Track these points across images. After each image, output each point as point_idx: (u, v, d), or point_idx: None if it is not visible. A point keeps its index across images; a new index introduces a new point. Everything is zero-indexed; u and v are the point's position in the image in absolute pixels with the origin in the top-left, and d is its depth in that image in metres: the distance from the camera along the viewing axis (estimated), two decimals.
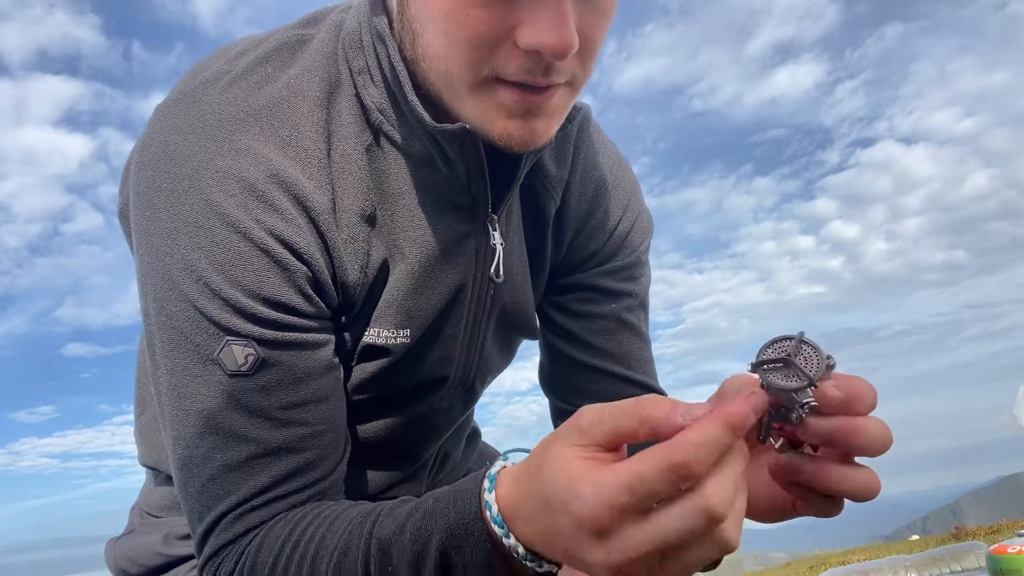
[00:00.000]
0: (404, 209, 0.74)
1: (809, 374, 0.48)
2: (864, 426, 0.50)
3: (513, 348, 0.94)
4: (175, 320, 0.66)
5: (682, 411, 0.46)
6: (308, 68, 0.72)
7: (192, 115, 0.69)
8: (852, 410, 0.50)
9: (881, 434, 0.50)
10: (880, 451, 0.51)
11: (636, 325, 0.93)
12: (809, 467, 0.52)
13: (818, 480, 0.52)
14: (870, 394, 0.50)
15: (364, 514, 0.61)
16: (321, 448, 0.68)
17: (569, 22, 0.59)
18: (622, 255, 0.92)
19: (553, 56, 0.60)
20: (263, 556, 0.62)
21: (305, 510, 0.65)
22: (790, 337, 0.50)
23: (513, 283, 0.84)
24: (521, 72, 0.62)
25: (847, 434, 0.50)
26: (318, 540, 0.61)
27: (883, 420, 0.50)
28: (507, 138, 0.67)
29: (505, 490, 0.52)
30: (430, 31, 0.64)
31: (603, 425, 0.48)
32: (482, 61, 0.62)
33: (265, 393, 0.65)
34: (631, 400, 0.48)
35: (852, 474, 0.52)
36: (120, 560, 0.88)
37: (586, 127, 0.89)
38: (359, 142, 0.72)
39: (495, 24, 0.60)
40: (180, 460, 0.67)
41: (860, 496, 0.52)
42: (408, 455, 0.88)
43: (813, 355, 0.49)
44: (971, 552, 3.49)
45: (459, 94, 0.66)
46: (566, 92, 0.68)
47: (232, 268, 0.64)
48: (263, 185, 0.66)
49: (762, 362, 0.50)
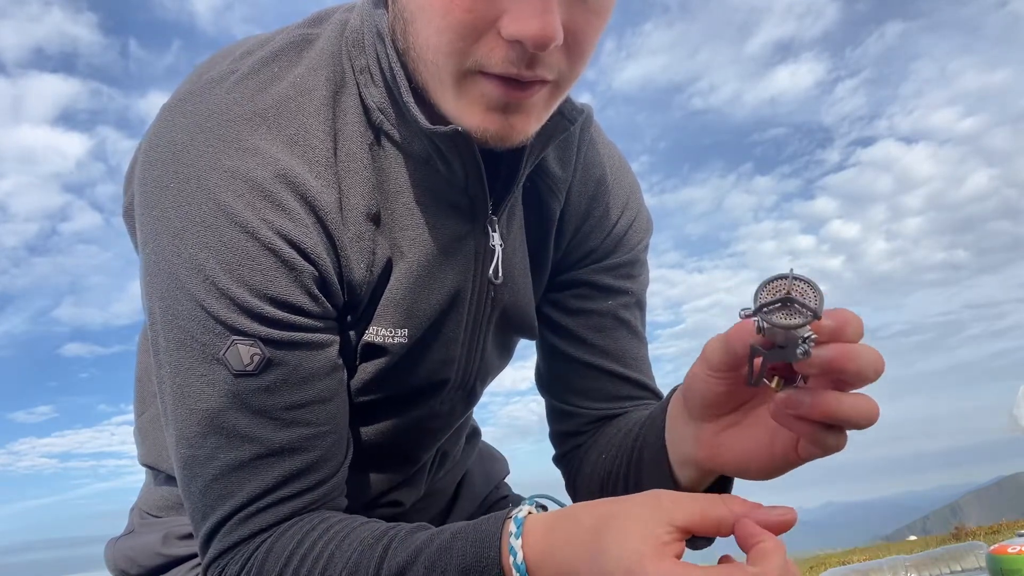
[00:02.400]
0: (404, 208, 0.74)
1: (812, 307, 0.49)
2: (857, 351, 0.51)
3: (511, 348, 0.93)
4: (181, 319, 0.66)
5: (760, 515, 0.51)
6: (314, 67, 0.72)
7: (199, 114, 0.69)
8: (844, 337, 0.51)
9: (873, 358, 0.51)
10: (874, 376, 0.52)
11: (632, 323, 0.93)
12: (808, 399, 0.53)
13: (819, 407, 0.53)
14: (856, 321, 0.52)
15: (376, 536, 0.61)
16: (325, 449, 0.68)
17: (553, 11, 0.59)
18: (620, 252, 0.92)
19: (534, 47, 0.60)
20: (269, 565, 0.62)
21: (314, 521, 0.65)
22: (783, 276, 0.51)
23: (514, 284, 0.84)
24: (504, 63, 0.62)
25: (843, 360, 0.51)
26: (327, 557, 0.61)
27: (873, 347, 0.52)
28: (483, 132, 0.66)
29: (534, 539, 0.52)
30: (418, 20, 0.64)
31: (686, 508, 0.50)
32: (466, 51, 0.62)
33: (270, 393, 0.65)
34: (718, 496, 0.51)
35: (850, 399, 0.53)
36: (120, 560, 0.88)
37: (588, 128, 0.89)
38: (363, 141, 0.72)
39: (479, 13, 0.60)
40: (183, 459, 0.67)
41: (861, 421, 0.53)
42: (408, 458, 0.88)
43: (808, 289, 0.50)
44: (971, 552, 3.49)
45: (444, 84, 0.66)
46: (550, 91, 0.67)
47: (239, 268, 0.64)
48: (270, 184, 0.66)
49: (762, 306, 0.50)
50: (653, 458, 0.74)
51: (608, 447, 0.85)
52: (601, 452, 0.86)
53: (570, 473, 0.93)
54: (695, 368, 0.63)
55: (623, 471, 0.80)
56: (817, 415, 0.53)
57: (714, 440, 0.65)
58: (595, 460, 0.86)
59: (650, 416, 0.78)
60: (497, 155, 0.72)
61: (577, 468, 0.91)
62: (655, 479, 0.73)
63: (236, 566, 0.64)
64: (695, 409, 0.65)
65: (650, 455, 0.75)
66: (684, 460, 0.70)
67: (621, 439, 0.83)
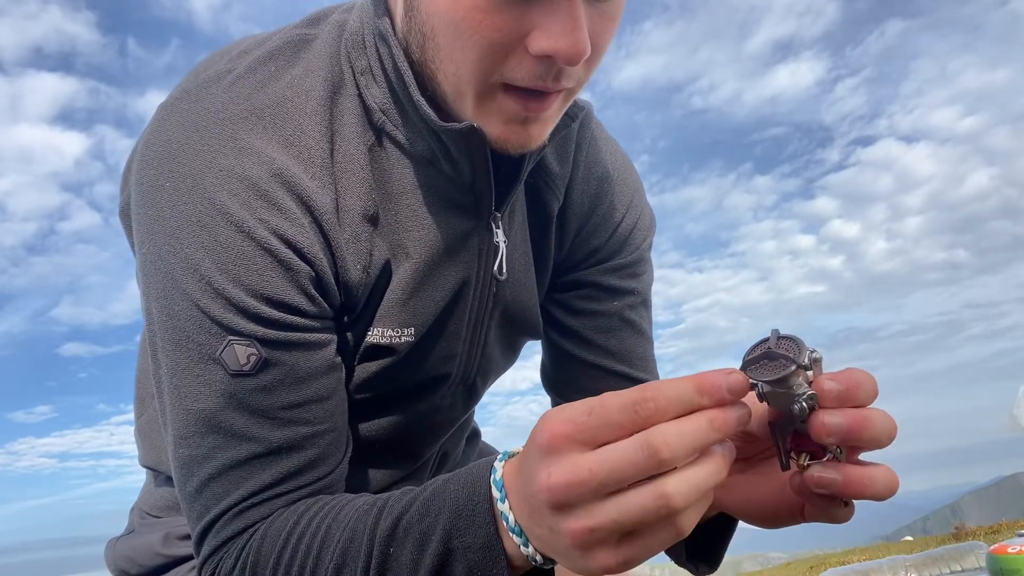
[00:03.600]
0: (407, 209, 0.74)
1: (791, 356, 0.48)
2: (870, 419, 0.49)
3: (516, 349, 0.93)
4: (177, 319, 0.65)
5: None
6: (311, 68, 0.72)
7: (195, 114, 0.69)
8: (854, 400, 0.49)
9: (887, 425, 0.49)
10: (887, 443, 0.50)
11: (638, 323, 0.93)
12: (839, 478, 0.51)
13: (850, 488, 0.51)
14: (868, 382, 0.50)
15: (371, 502, 0.61)
16: (322, 447, 0.68)
17: (583, 27, 0.60)
18: (625, 252, 0.92)
19: (566, 61, 0.61)
20: (266, 549, 0.62)
21: (308, 503, 0.65)
22: (765, 339, 0.50)
23: (516, 281, 0.84)
24: (531, 78, 0.63)
25: (857, 429, 0.49)
26: (324, 530, 0.61)
27: (884, 410, 0.50)
28: (503, 142, 0.68)
29: (510, 464, 0.54)
30: (441, 36, 0.64)
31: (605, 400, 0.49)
32: (493, 67, 0.63)
33: (267, 393, 0.65)
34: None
35: (875, 474, 0.51)
36: (120, 560, 0.88)
37: (588, 125, 0.89)
38: (362, 142, 0.72)
39: (508, 31, 0.61)
40: (180, 459, 0.67)
41: (884, 495, 0.51)
42: (409, 453, 0.88)
43: (792, 345, 0.49)
44: (971, 552, 3.50)
45: (464, 96, 0.66)
46: (564, 97, 0.68)
47: (235, 267, 0.64)
48: (266, 184, 0.66)
49: (746, 364, 0.50)
50: None
51: None
52: None
53: None
54: None
55: None
56: (850, 494, 0.52)
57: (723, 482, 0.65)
58: None
59: None
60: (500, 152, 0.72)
61: None
62: None
63: (230, 560, 0.64)
64: None
65: None
66: None
67: None
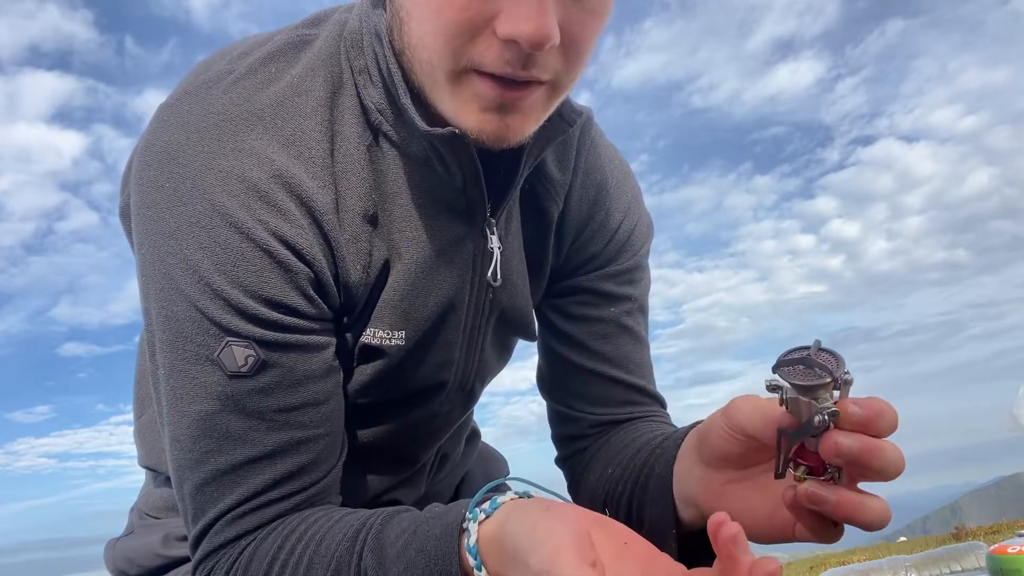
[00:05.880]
0: (402, 209, 0.74)
1: (831, 369, 0.48)
2: (883, 450, 0.49)
3: (510, 348, 0.93)
4: (176, 320, 0.65)
5: None
6: (311, 68, 0.72)
7: (195, 114, 0.68)
8: (873, 429, 0.49)
9: (896, 459, 0.50)
10: (894, 476, 0.50)
11: (635, 329, 0.92)
12: (832, 497, 0.51)
13: (842, 510, 0.51)
14: (890, 414, 0.50)
15: (351, 537, 0.62)
16: (317, 452, 0.68)
17: (548, 13, 0.59)
18: (622, 259, 0.91)
19: (530, 46, 0.60)
20: (252, 570, 0.63)
21: (295, 522, 0.65)
22: (806, 347, 0.50)
23: (512, 287, 0.83)
24: (499, 63, 0.62)
25: (868, 456, 0.49)
26: (307, 562, 0.62)
27: (897, 445, 0.50)
28: (479, 132, 0.66)
29: (487, 526, 0.54)
30: (413, 19, 0.64)
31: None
32: (461, 50, 0.62)
33: (264, 395, 0.65)
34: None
35: (871, 504, 0.51)
36: (119, 561, 0.88)
37: (588, 131, 0.89)
38: (361, 142, 0.72)
39: (474, 12, 0.60)
40: (177, 461, 0.67)
41: (874, 526, 0.52)
42: (407, 459, 0.88)
43: (831, 359, 0.49)
44: (971, 552, 3.49)
45: (438, 83, 0.66)
46: (547, 92, 0.67)
47: (234, 269, 0.64)
48: (266, 185, 0.66)
49: (780, 363, 0.49)
50: (659, 487, 0.73)
51: (615, 461, 0.84)
52: (607, 465, 0.85)
53: (574, 476, 0.93)
54: (716, 420, 0.61)
55: (627, 494, 0.79)
56: (839, 516, 0.52)
57: (719, 489, 0.65)
58: (600, 472, 0.86)
59: (662, 445, 0.77)
60: (495, 157, 0.72)
61: (581, 473, 0.91)
62: (658, 510, 0.72)
63: (222, 570, 0.65)
64: (707, 457, 0.65)
65: (656, 485, 0.74)
66: (688, 499, 0.69)
67: (629, 458, 0.82)
